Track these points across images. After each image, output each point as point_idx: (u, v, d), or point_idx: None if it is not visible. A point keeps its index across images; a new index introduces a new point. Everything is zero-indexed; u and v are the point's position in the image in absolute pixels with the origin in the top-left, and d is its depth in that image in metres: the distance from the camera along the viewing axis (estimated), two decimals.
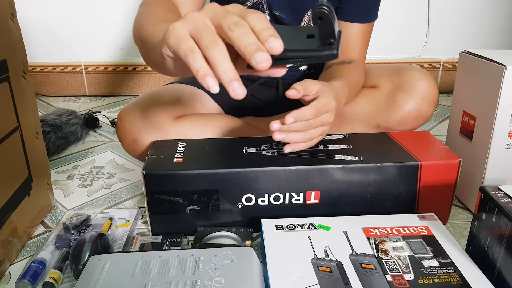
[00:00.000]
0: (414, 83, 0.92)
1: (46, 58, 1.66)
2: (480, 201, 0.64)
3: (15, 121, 0.72)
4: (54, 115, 1.18)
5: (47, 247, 0.72)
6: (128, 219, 0.81)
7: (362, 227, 0.69)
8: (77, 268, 0.64)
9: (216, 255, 0.61)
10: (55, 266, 0.67)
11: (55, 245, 0.73)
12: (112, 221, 0.78)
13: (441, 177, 0.76)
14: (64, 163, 1.10)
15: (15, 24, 0.73)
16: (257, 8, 0.94)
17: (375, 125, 0.96)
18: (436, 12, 1.68)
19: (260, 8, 0.94)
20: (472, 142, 0.84)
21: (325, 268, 0.60)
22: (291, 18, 0.96)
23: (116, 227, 0.79)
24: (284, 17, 0.95)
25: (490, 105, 0.77)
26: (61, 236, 0.74)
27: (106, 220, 0.78)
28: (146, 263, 0.59)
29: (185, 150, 0.79)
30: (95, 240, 0.67)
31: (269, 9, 0.94)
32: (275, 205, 0.76)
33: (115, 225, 0.79)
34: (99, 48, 1.67)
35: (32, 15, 1.57)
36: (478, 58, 0.81)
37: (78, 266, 0.64)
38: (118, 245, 0.74)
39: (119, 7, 1.61)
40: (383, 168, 0.75)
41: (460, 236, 0.79)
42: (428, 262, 0.61)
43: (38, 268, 0.66)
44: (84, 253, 0.65)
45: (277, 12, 0.94)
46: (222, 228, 0.76)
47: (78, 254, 0.65)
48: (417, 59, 1.74)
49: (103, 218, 0.79)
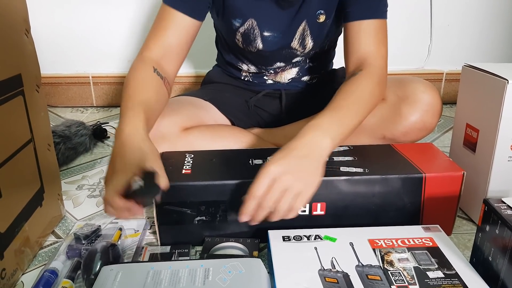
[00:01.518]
0: (419, 95, 0.94)
1: (54, 69, 1.69)
2: (484, 213, 0.65)
3: (29, 133, 0.74)
4: (64, 126, 1.20)
5: (59, 257, 0.73)
6: (137, 230, 0.83)
7: (367, 239, 0.70)
8: (89, 277, 0.66)
9: (225, 265, 0.62)
10: (66, 276, 0.68)
11: (67, 255, 0.74)
12: (122, 232, 0.80)
13: (445, 189, 0.78)
14: (73, 173, 1.12)
15: (29, 39, 0.75)
16: (250, 33, 0.96)
17: (381, 137, 0.97)
18: (439, 24, 1.70)
19: (252, 32, 0.96)
20: (475, 154, 0.85)
21: (331, 279, 0.61)
22: (282, 37, 0.97)
23: (126, 237, 0.80)
24: (276, 36, 0.97)
25: (493, 118, 0.78)
26: (72, 246, 0.75)
27: (116, 231, 0.79)
28: (157, 273, 0.61)
29: (193, 162, 0.81)
30: (107, 250, 0.69)
31: (260, 31, 0.96)
32: None
33: (124, 235, 0.80)
34: (106, 59, 1.69)
35: (40, 27, 1.59)
36: (481, 72, 0.82)
37: (90, 276, 0.66)
38: (127, 255, 0.76)
39: (127, 19, 1.64)
40: (388, 180, 0.76)
41: (464, 247, 0.79)
42: (433, 273, 0.62)
43: (50, 278, 0.67)
44: (96, 263, 0.67)
45: (268, 33, 0.96)
46: (230, 238, 0.77)
47: (90, 263, 0.67)
48: (420, 70, 1.76)
49: (113, 229, 0.80)
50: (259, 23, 0.95)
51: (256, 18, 0.94)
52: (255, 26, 0.95)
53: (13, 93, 0.69)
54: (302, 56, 1.04)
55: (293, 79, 1.09)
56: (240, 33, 0.97)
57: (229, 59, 1.09)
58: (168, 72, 0.87)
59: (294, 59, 1.04)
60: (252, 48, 0.99)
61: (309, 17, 0.95)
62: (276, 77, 1.09)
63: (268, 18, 0.95)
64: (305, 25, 0.96)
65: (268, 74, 1.08)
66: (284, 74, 1.08)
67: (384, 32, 0.93)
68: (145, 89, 0.79)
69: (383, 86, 0.90)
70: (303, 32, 0.97)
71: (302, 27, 0.96)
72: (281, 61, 1.04)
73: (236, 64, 1.08)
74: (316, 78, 1.11)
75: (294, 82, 1.10)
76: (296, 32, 0.97)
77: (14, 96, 0.69)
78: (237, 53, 1.05)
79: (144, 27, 1.65)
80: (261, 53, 1.00)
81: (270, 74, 1.08)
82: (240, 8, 0.93)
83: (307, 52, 1.03)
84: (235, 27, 0.96)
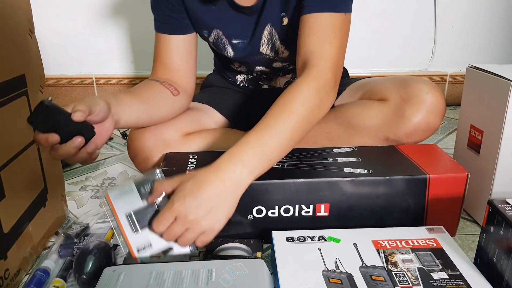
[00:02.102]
0: (423, 96, 0.93)
1: (58, 71, 1.69)
2: (488, 214, 0.65)
3: (32, 134, 0.74)
4: None
5: (51, 256, 0.73)
6: None
7: (371, 240, 0.70)
8: (80, 277, 0.66)
9: (229, 266, 0.62)
10: (58, 275, 0.69)
11: (59, 254, 0.74)
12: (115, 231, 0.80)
13: (449, 190, 0.77)
14: (76, 174, 1.12)
15: (33, 40, 0.76)
16: (218, 42, 0.97)
17: (384, 138, 0.96)
18: (443, 26, 1.70)
19: (221, 41, 0.97)
20: (479, 155, 0.85)
21: (335, 280, 0.61)
22: (249, 43, 0.97)
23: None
24: (244, 42, 0.97)
25: (498, 119, 0.78)
26: (64, 245, 0.75)
27: (108, 229, 0.79)
28: (160, 274, 0.61)
29: (197, 163, 0.81)
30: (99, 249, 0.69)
31: (228, 40, 0.96)
32: (285, 217, 0.77)
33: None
34: (110, 61, 1.70)
35: (44, 29, 1.60)
36: (485, 73, 0.82)
37: (82, 275, 0.66)
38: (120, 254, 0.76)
39: (131, 20, 1.64)
40: (392, 181, 0.76)
41: (468, 248, 0.79)
42: (437, 274, 0.62)
43: (42, 277, 0.68)
44: (88, 262, 0.67)
45: (236, 40, 0.96)
46: (233, 239, 0.77)
47: (81, 263, 0.67)
48: (424, 72, 1.76)
49: (106, 227, 0.80)
50: (225, 32, 0.95)
51: (220, 28, 0.95)
52: (221, 35, 0.95)
53: (17, 94, 0.69)
54: (285, 62, 1.02)
55: (289, 82, 1.08)
56: (211, 42, 0.99)
57: (222, 61, 1.11)
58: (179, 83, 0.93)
59: (274, 64, 1.03)
60: (226, 54, 1.00)
61: (273, 21, 0.92)
62: (271, 83, 1.09)
63: (231, 26, 0.94)
64: (271, 29, 0.94)
65: (263, 80, 1.08)
66: (279, 79, 1.08)
67: (336, 28, 0.80)
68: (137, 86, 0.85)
69: (327, 91, 0.77)
70: (270, 37, 0.95)
71: (268, 32, 0.94)
72: (261, 65, 1.03)
73: (228, 65, 1.09)
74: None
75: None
76: (262, 37, 0.95)
77: (18, 97, 0.69)
78: (222, 57, 1.07)
79: (147, 29, 1.65)
80: (237, 59, 1.02)
81: (264, 80, 1.08)
82: (203, 20, 0.94)
83: (286, 57, 1.00)
84: (205, 37, 0.98)
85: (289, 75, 1.07)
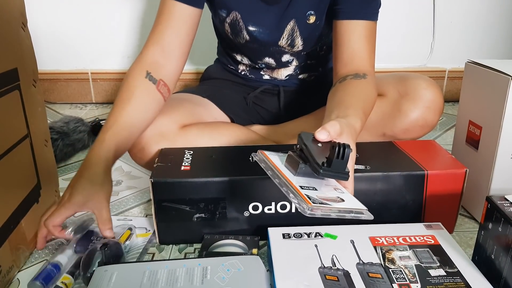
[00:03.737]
0: (420, 92, 0.93)
1: (53, 66, 1.68)
2: (487, 211, 0.64)
3: (25, 128, 0.73)
4: (62, 123, 1.19)
5: (65, 251, 0.72)
6: (149, 229, 0.82)
7: (368, 236, 0.69)
8: (85, 275, 0.65)
9: (224, 264, 0.61)
10: (68, 271, 0.67)
11: (74, 250, 0.73)
12: (132, 231, 0.78)
13: (447, 186, 0.77)
14: (71, 170, 1.11)
15: (26, 33, 0.74)
16: (235, 24, 0.96)
17: (381, 134, 0.96)
18: (441, 21, 1.69)
19: (237, 24, 0.95)
20: (478, 151, 0.84)
21: (332, 277, 0.60)
22: (269, 33, 0.96)
23: (137, 236, 0.79)
24: (262, 32, 0.96)
25: (496, 115, 0.77)
26: (81, 241, 0.74)
27: (125, 230, 0.78)
28: (153, 273, 0.60)
29: (193, 158, 0.80)
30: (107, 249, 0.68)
31: (245, 25, 0.95)
32: (281, 213, 0.76)
33: (135, 235, 0.79)
34: (105, 56, 1.68)
35: (39, 23, 1.59)
36: (484, 68, 0.81)
37: (86, 274, 0.65)
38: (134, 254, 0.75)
39: (126, 15, 1.63)
40: (390, 177, 0.75)
41: (466, 245, 0.79)
42: (435, 271, 0.62)
43: (52, 271, 0.67)
44: (94, 261, 0.66)
45: (253, 27, 0.95)
46: (229, 236, 0.76)
47: (88, 261, 0.66)
48: (422, 68, 1.75)
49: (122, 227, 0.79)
50: (243, 16, 0.94)
51: (239, 11, 0.93)
52: (239, 19, 0.94)
53: (9, 88, 0.67)
54: (293, 56, 1.03)
55: (291, 75, 1.08)
56: (227, 24, 0.97)
57: (226, 48, 1.09)
58: (169, 70, 0.87)
59: (283, 58, 1.03)
60: (240, 39, 0.98)
61: (298, 17, 0.93)
62: (273, 73, 1.08)
63: (252, 12, 0.94)
64: (294, 25, 0.95)
65: (265, 70, 1.07)
66: (281, 71, 1.07)
67: (374, 35, 0.91)
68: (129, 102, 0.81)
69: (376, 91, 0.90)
70: (292, 31, 0.96)
71: (291, 27, 0.95)
72: (270, 56, 1.03)
73: (231, 53, 1.08)
74: (314, 76, 1.10)
75: (291, 79, 1.09)
76: (284, 30, 0.96)
77: (10, 91, 0.68)
78: (231, 43, 1.05)
79: (143, 24, 1.64)
80: (249, 45, 1.00)
81: (266, 70, 1.07)
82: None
83: (297, 52, 1.01)
84: (222, 18, 0.96)
85: (291, 67, 1.06)
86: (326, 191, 0.60)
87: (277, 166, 0.62)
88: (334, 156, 0.56)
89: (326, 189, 0.60)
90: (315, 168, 0.57)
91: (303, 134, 0.62)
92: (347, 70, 0.89)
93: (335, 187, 0.62)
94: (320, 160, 0.57)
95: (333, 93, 0.85)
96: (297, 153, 0.62)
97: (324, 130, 0.62)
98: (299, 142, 0.61)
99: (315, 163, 0.57)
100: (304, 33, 0.96)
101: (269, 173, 0.62)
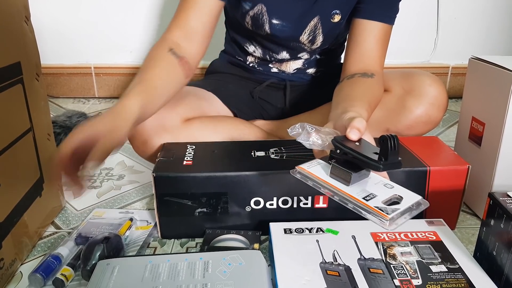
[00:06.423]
0: (425, 88, 0.93)
1: (56, 60, 1.68)
2: (489, 207, 0.64)
3: (28, 122, 0.73)
4: (65, 117, 1.20)
5: (67, 243, 0.72)
6: (150, 222, 0.82)
7: (370, 232, 0.69)
8: (85, 268, 0.65)
9: (225, 258, 0.61)
10: (69, 263, 0.68)
11: (75, 241, 0.73)
12: (133, 223, 0.79)
13: (450, 182, 0.76)
14: None
15: (29, 27, 0.74)
16: (259, 17, 0.95)
17: (385, 130, 0.96)
18: (445, 17, 1.68)
19: (261, 17, 0.95)
20: (481, 148, 0.84)
21: (333, 272, 0.60)
22: (291, 27, 0.96)
23: (137, 228, 0.79)
24: (285, 25, 0.96)
25: (499, 111, 0.77)
26: (82, 233, 0.74)
27: (126, 221, 0.78)
28: (155, 267, 0.60)
29: (195, 153, 0.80)
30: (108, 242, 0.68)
31: (269, 18, 0.95)
32: (283, 208, 0.76)
33: (135, 227, 0.79)
34: (109, 50, 1.68)
35: (42, 17, 1.59)
36: (488, 65, 0.81)
37: (86, 267, 0.65)
38: (134, 247, 0.75)
39: (129, 9, 1.63)
40: (392, 173, 0.75)
41: (468, 242, 0.78)
42: (436, 267, 0.62)
43: (52, 263, 0.67)
44: (94, 254, 0.66)
45: (276, 21, 0.95)
46: (231, 231, 0.76)
47: (88, 254, 0.66)
48: (426, 64, 1.74)
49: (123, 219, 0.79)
50: (269, 9, 0.94)
51: (265, 3, 0.93)
52: (264, 11, 0.94)
53: (12, 81, 0.68)
54: (309, 52, 1.03)
55: (299, 69, 1.08)
56: (249, 16, 0.96)
57: (238, 39, 1.08)
58: (191, 53, 0.86)
59: (300, 54, 1.03)
60: (261, 32, 0.98)
61: (323, 14, 0.94)
62: (281, 66, 1.07)
63: (278, 6, 0.93)
64: (318, 22, 0.95)
65: (274, 63, 1.07)
66: (290, 64, 1.06)
67: (388, 39, 0.94)
68: (153, 67, 0.79)
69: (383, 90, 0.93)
70: (314, 28, 0.96)
71: (314, 23, 0.95)
72: (287, 51, 1.03)
73: (243, 45, 1.07)
74: (320, 72, 1.10)
75: (299, 73, 1.08)
76: (307, 26, 0.96)
77: (13, 84, 0.68)
78: (246, 34, 1.04)
79: (147, 18, 1.64)
80: (269, 38, 1.00)
81: (275, 63, 1.07)
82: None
83: (315, 50, 1.02)
84: (245, 10, 0.95)
85: (301, 61, 1.06)
86: (383, 192, 0.59)
87: (325, 180, 0.61)
88: (389, 148, 0.56)
89: (381, 190, 0.60)
90: (375, 166, 0.57)
91: (338, 138, 0.61)
92: (356, 68, 0.91)
93: (383, 183, 0.62)
94: (372, 157, 0.57)
95: (340, 88, 0.86)
96: (340, 159, 0.61)
97: (355, 129, 0.61)
98: (337, 147, 0.60)
99: (373, 161, 0.57)
100: (325, 31, 0.96)
101: (323, 190, 0.61)
